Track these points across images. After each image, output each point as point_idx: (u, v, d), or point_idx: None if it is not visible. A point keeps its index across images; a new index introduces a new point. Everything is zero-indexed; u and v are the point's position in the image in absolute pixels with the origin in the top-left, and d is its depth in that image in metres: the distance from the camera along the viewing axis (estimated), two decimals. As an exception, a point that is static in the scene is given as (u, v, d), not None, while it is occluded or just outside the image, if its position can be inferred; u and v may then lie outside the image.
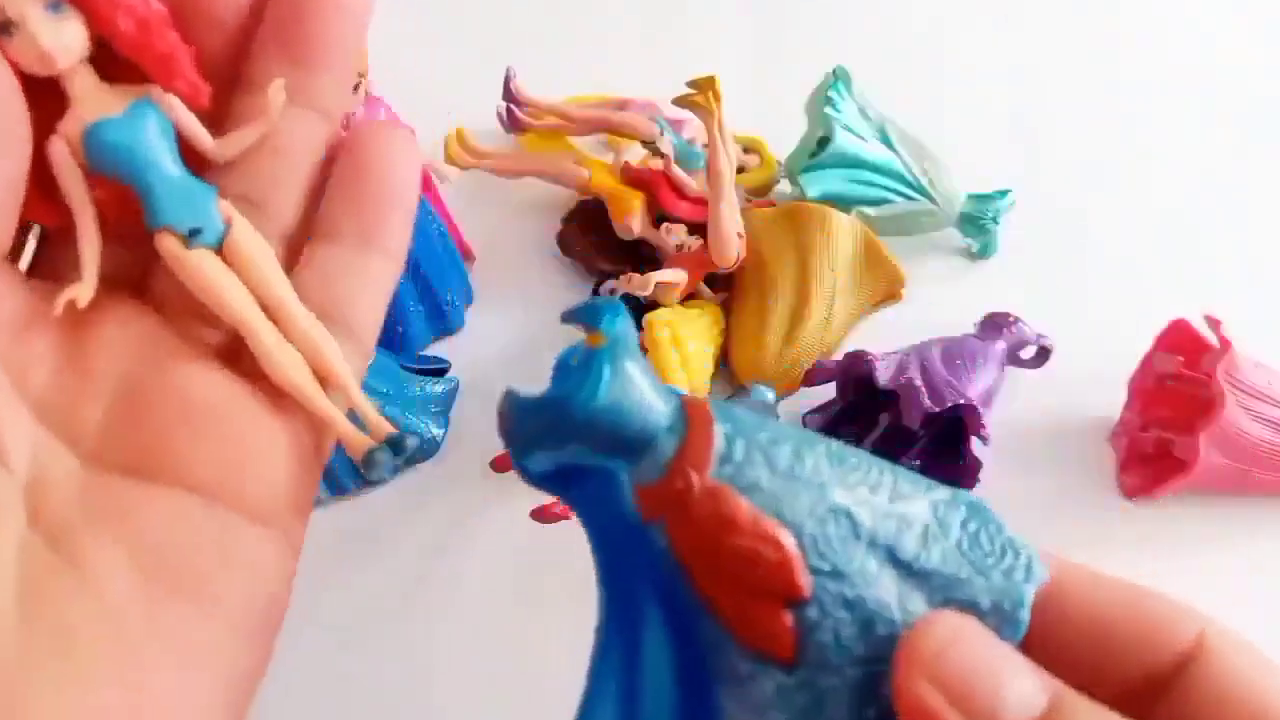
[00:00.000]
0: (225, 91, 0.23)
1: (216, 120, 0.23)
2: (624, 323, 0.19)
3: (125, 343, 0.22)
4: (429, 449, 0.47)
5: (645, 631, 0.19)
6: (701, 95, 0.49)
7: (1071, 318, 0.54)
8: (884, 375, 0.45)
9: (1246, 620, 0.46)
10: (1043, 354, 0.51)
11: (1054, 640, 0.19)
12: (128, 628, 0.20)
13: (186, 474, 0.22)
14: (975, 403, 0.44)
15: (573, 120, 0.56)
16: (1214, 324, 0.47)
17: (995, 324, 0.51)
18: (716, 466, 0.18)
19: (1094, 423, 0.51)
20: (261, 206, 0.23)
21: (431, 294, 0.51)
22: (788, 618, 0.18)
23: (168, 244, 0.21)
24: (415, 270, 0.49)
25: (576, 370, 0.18)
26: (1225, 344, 0.45)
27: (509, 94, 0.57)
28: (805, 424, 0.50)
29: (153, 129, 0.20)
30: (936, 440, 0.47)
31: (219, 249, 0.22)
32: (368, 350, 0.26)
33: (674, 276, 0.50)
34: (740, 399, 0.49)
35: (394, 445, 0.24)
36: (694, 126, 0.56)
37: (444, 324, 0.53)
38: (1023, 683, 0.17)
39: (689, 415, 0.19)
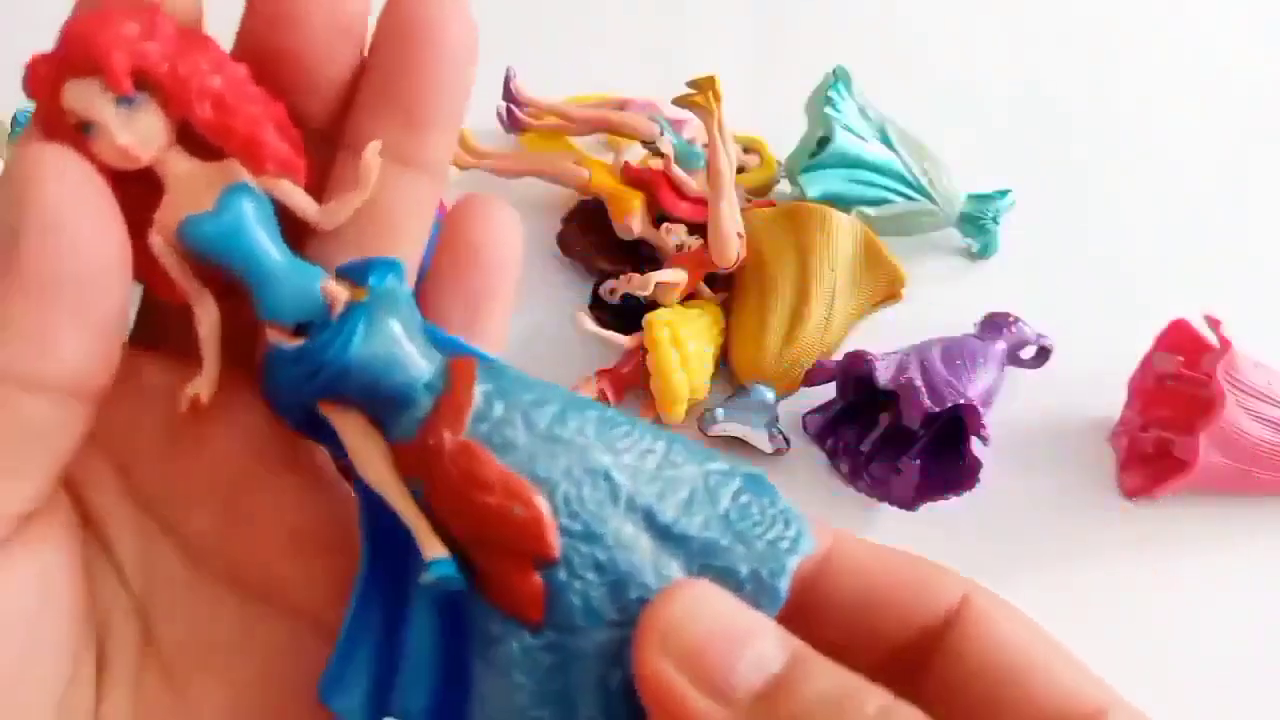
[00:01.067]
0: (327, 153, 0.21)
1: (319, 183, 0.21)
2: (393, 279, 0.19)
3: (234, 440, 0.21)
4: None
5: (409, 588, 0.19)
6: (701, 95, 0.49)
7: (1071, 318, 0.54)
8: (884, 375, 0.45)
9: (1246, 620, 0.46)
10: (1043, 354, 0.51)
11: (827, 604, 0.20)
12: None
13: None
14: (975, 403, 0.44)
15: (573, 120, 0.56)
16: (1214, 324, 0.47)
17: (995, 324, 0.51)
18: (472, 425, 0.18)
19: (1094, 423, 0.51)
20: None
21: (431, 294, 0.51)
22: (536, 578, 0.18)
23: (274, 339, 0.19)
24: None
25: (334, 324, 0.18)
26: (1225, 344, 0.45)
27: (509, 94, 0.57)
28: (805, 424, 0.50)
29: (248, 216, 0.19)
30: (936, 440, 0.47)
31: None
32: None
33: (674, 276, 0.50)
34: (740, 398, 0.49)
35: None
36: (694, 126, 0.56)
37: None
38: (760, 645, 0.17)
39: (451, 374, 0.19)
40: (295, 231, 0.20)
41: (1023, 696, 0.18)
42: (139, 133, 0.18)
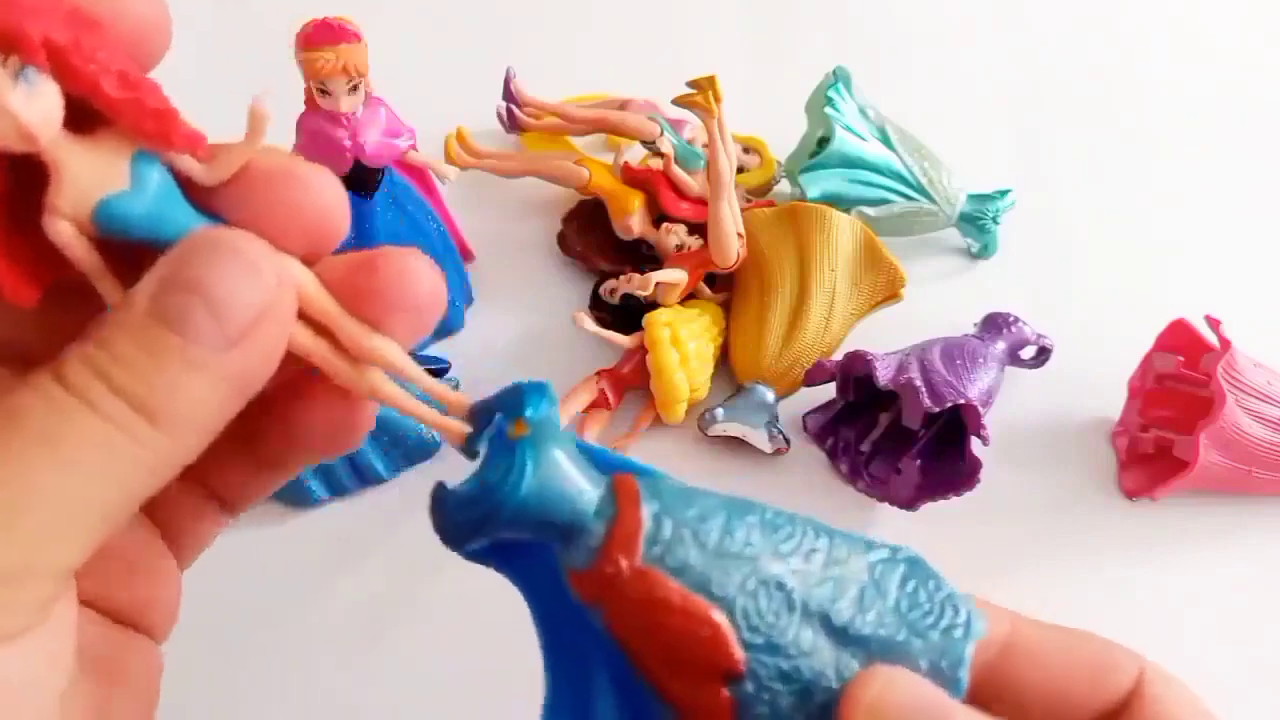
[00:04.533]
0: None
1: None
2: (547, 406, 0.19)
3: None
4: (428, 449, 0.47)
5: (596, 701, 0.19)
6: (701, 95, 0.49)
7: (1071, 318, 0.54)
8: (884, 375, 0.45)
9: (1246, 619, 0.46)
10: (1043, 354, 0.51)
11: (1009, 691, 0.20)
12: None
13: None
14: (975, 403, 0.44)
15: (573, 120, 0.56)
16: (1214, 324, 0.47)
17: (995, 324, 0.51)
18: (645, 548, 0.18)
19: (1094, 423, 0.51)
20: None
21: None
22: (725, 693, 0.18)
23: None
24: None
25: (502, 461, 0.18)
26: (1225, 344, 0.45)
27: (509, 94, 0.57)
28: (805, 424, 0.50)
29: (161, 186, 0.18)
30: (936, 440, 0.47)
31: None
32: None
33: (674, 276, 0.50)
34: (740, 398, 0.49)
35: (478, 415, 0.21)
36: (694, 126, 0.56)
37: (443, 324, 0.53)
38: (964, 717, 0.18)
39: (617, 497, 0.19)
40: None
41: None
42: (40, 112, 0.17)
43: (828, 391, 0.49)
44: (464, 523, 0.19)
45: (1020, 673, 0.20)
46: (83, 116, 0.18)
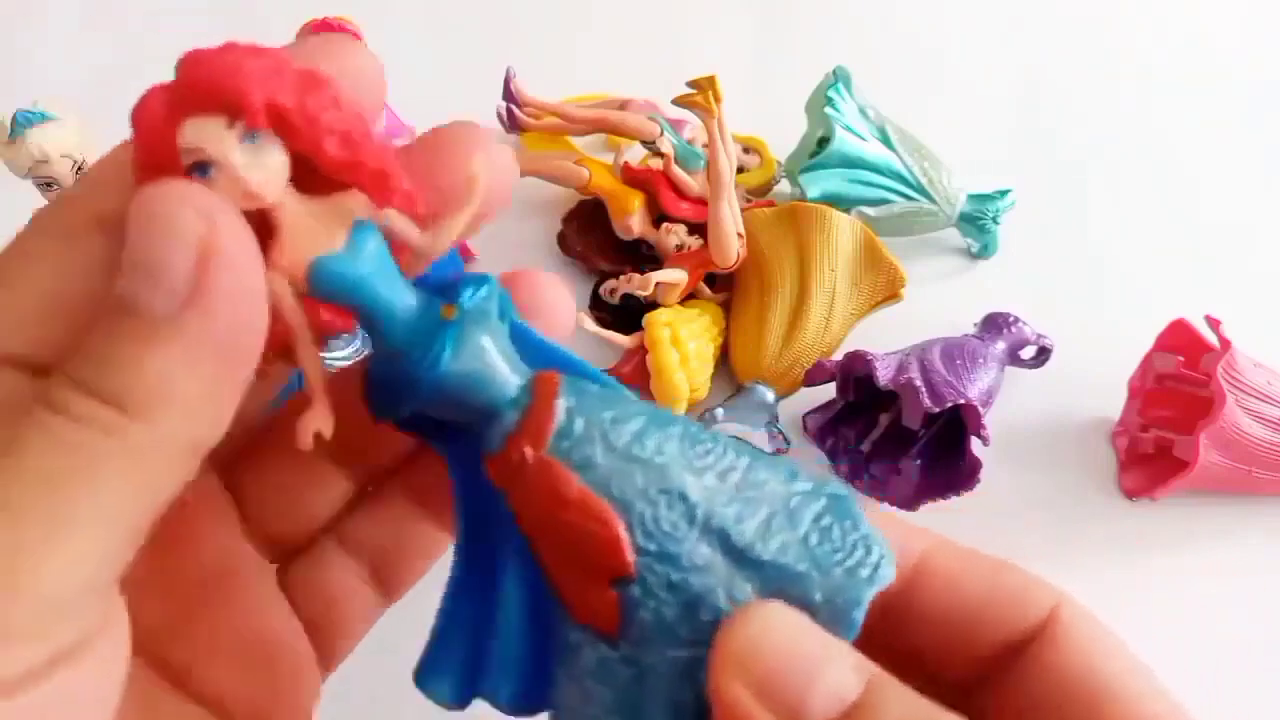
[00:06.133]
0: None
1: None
2: (481, 296, 0.19)
3: (206, 548, 0.21)
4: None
5: (502, 578, 0.20)
6: (701, 95, 0.49)
7: (1071, 318, 0.54)
8: (884, 375, 0.45)
9: (1247, 619, 0.46)
10: (1043, 354, 0.51)
11: (919, 612, 0.20)
12: None
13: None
14: (975, 403, 0.44)
15: (573, 120, 0.56)
16: (1214, 324, 0.47)
17: (995, 324, 0.51)
18: (554, 442, 0.19)
19: (1094, 423, 0.51)
20: None
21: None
22: (611, 593, 0.18)
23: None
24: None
25: (427, 340, 0.19)
26: (1225, 344, 0.45)
27: (509, 94, 0.57)
28: (805, 424, 0.50)
29: (377, 254, 0.18)
30: (936, 440, 0.47)
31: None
32: None
33: (674, 276, 0.50)
34: (740, 398, 0.49)
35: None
36: (694, 126, 0.56)
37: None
38: (836, 672, 0.17)
39: (535, 389, 0.19)
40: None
41: (1094, 715, 0.18)
42: (264, 172, 0.17)
43: (828, 391, 0.49)
44: (384, 396, 0.19)
45: (932, 594, 0.20)
46: (316, 175, 0.18)
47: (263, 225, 0.18)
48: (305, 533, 0.23)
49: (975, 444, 0.44)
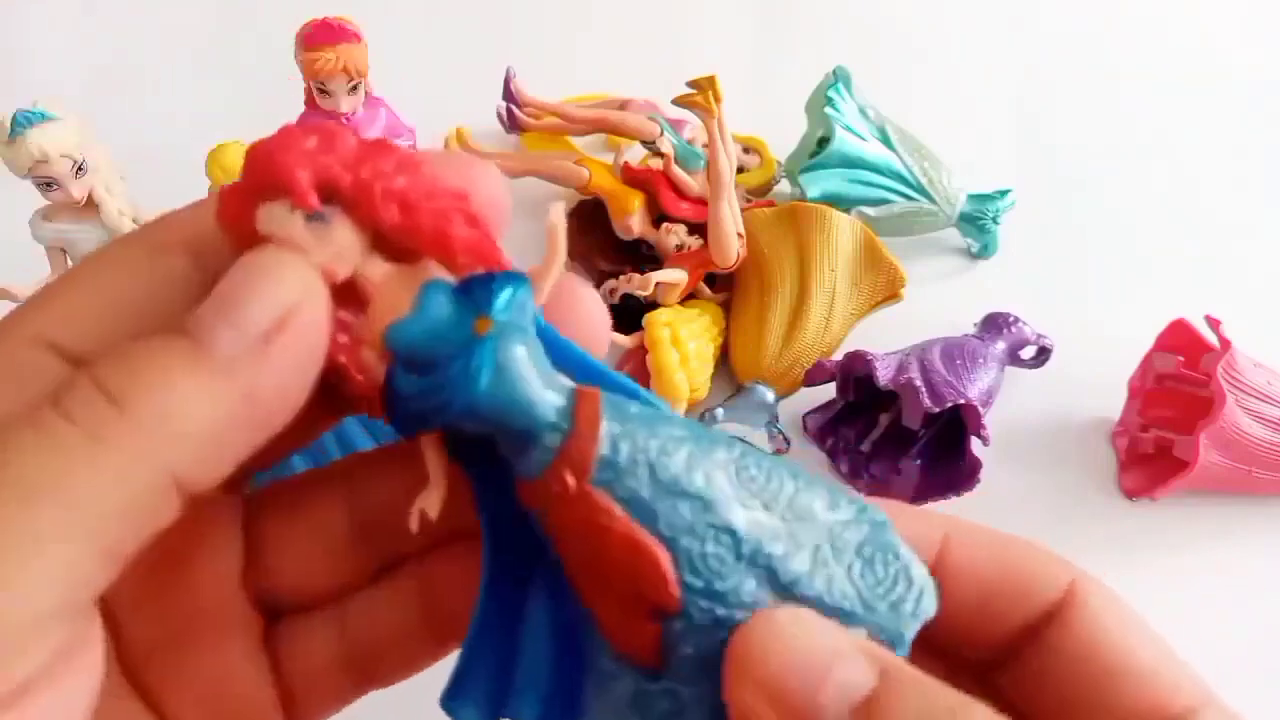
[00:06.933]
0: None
1: None
2: (516, 308, 0.18)
3: (205, 582, 0.21)
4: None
5: (533, 598, 0.19)
6: (701, 95, 0.49)
7: (1071, 318, 0.54)
8: (884, 375, 0.45)
9: (1246, 619, 0.46)
10: (1043, 354, 0.51)
11: (942, 596, 0.20)
12: None
13: None
14: (975, 403, 0.44)
15: (573, 120, 0.56)
16: (1214, 324, 0.47)
17: (995, 324, 0.51)
18: (597, 471, 0.18)
19: (1094, 423, 0.51)
20: None
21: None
22: (654, 626, 0.18)
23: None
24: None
25: (461, 357, 0.17)
26: (1225, 344, 0.45)
27: (509, 94, 0.57)
28: (805, 424, 0.50)
29: (448, 312, 0.18)
30: (936, 440, 0.47)
31: None
32: None
33: (674, 276, 0.50)
34: (740, 398, 0.49)
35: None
36: (694, 126, 0.56)
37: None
38: (846, 670, 0.17)
39: (577, 411, 0.18)
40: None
41: (1113, 692, 0.18)
42: (333, 247, 0.17)
43: (828, 391, 0.49)
44: (413, 413, 0.18)
45: (951, 578, 0.20)
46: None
47: (358, 295, 0.18)
48: (307, 598, 0.23)
49: (975, 444, 0.44)
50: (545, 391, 0.18)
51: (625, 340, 0.50)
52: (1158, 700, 0.18)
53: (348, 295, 0.18)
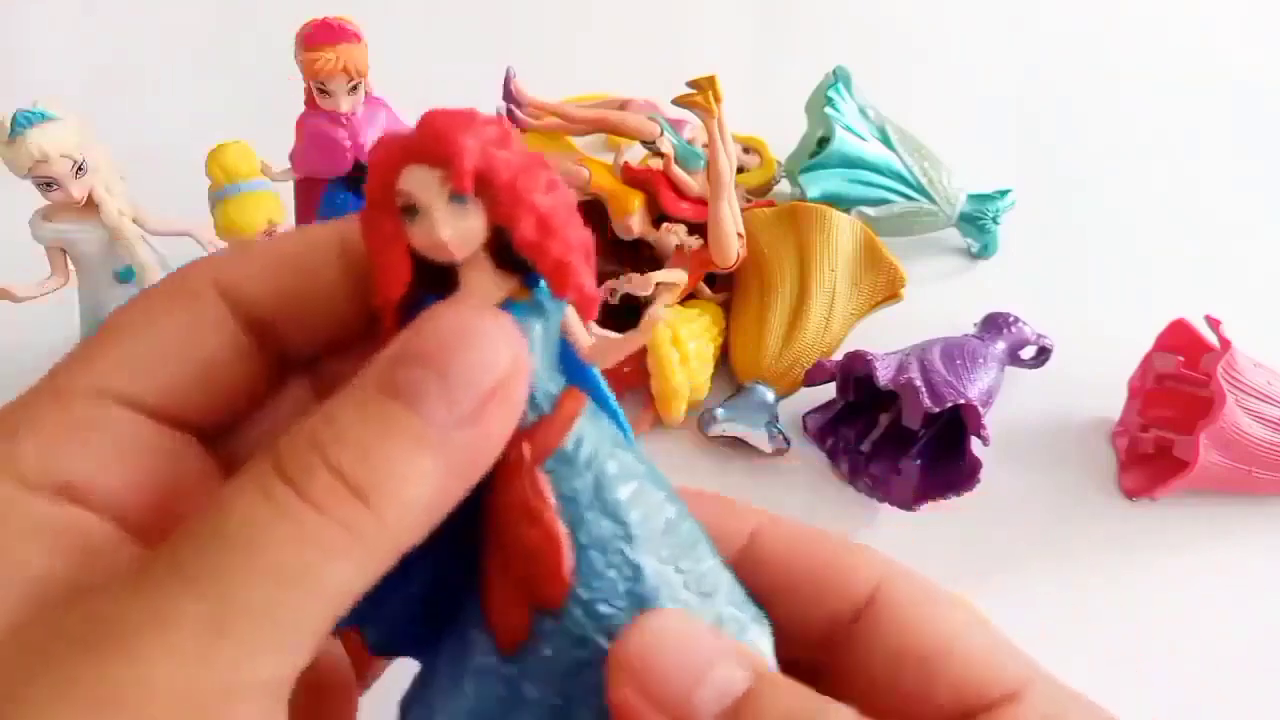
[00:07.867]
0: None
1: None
2: (554, 301, 0.19)
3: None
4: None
5: (439, 545, 0.19)
6: (701, 95, 0.49)
7: (1071, 318, 0.54)
8: (884, 375, 0.45)
9: (1246, 619, 0.46)
10: (1043, 354, 0.51)
11: (754, 593, 0.20)
12: None
13: None
14: (975, 403, 0.44)
15: (573, 120, 0.56)
16: (1214, 324, 0.47)
17: (995, 324, 0.51)
18: (551, 460, 0.19)
19: (1094, 423, 0.51)
20: None
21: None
22: (525, 614, 0.18)
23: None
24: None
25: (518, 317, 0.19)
26: (1225, 344, 0.45)
27: (509, 94, 0.57)
28: (805, 424, 0.50)
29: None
30: (936, 440, 0.47)
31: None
32: None
33: (674, 276, 0.50)
34: (740, 398, 0.49)
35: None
36: (694, 126, 0.56)
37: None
38: (722, 670, 0.17)
39: (560, 403, 0.19)
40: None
41: (929, 680, 0.18)
42: (461, 231, 0.18)
43: (828, 391, 0.49)
44: None
45: (758, 570, 0.20)
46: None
47: (445, 276, 0.19)
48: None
49: (975, 444, 0.44)
50: (543, 373, 0.19)
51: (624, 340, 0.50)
52: (982, 683, 0.18)
53: (434, 272, 0.19)
